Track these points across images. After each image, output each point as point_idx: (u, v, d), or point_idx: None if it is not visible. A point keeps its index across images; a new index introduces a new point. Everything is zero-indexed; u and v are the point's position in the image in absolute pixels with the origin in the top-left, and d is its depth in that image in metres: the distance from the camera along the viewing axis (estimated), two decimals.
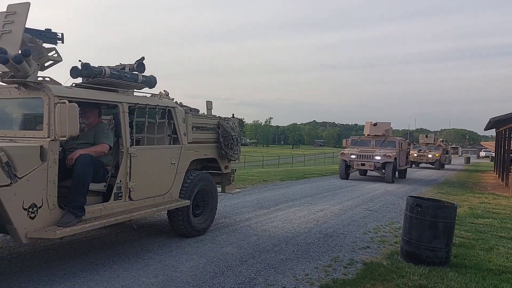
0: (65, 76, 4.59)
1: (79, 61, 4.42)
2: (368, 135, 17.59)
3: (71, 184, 4.09)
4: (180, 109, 5.63)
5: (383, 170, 15.67)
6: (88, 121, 4.76)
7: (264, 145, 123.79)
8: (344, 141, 18.29)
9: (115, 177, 4.61)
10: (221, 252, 5.20)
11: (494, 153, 31.06)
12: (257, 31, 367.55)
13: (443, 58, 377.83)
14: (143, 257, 4.84)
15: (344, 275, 4.56)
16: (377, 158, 15.56)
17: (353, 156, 16.00)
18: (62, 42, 4.62)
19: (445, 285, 4.26)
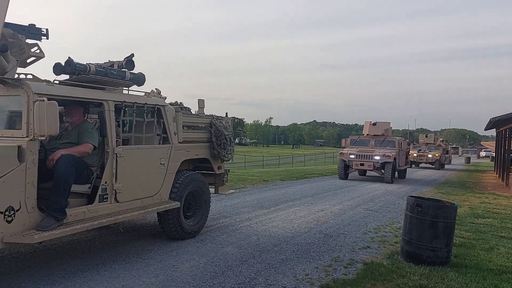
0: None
1: (68, 57, 4.32)
2: (367, 134, 17.39)
3: (51, 186, 3.91)
4: (170, 108, 5.44)
5: (382, 170, 15.49)
6: (72, 120, 4.55)
7: (265, 145, 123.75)
8: (343, 141, 18.04)
9: (101, 178, 4.43)
10: (221, 252, 5.20)
11: (494, 153, 31.06)
12: (257, 31, 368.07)
13: (444, 58, 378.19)
14: (143, 257, 4.84)
15: (345, 275, 4.56)
16: (376, 158, 15.38)
17: (352, 156, 15.83)
18: (46, 38, 4.45)
19: (445, 285, 4.26)
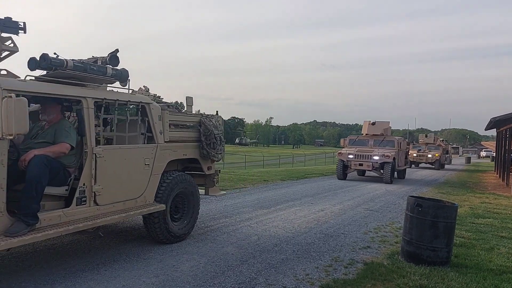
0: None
1: (54, 53, 4.14)
2: (366, 134, 17.16)
3: (22, 188, 3.70)
4: (155, 106, 5.21)
5: (381, 171, 15.30)
6: (49, 118, 4.31)
7: (265, 145, 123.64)
8: (342, 140, 17.77)
9: (79, 180, 4.22)
10: (221, 252, 5.21)
11: (494, 153, 31.04)
12: (257, 31, 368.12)
13: (444, 58, 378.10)
14: (143, 256, 4.84)
15: (345, 275, 4.56)
16: (375, 158, 15.20)
17: (350, 156, 15.64)
18: (24, 32, 4.35)
19: (445, 285, 4.25)
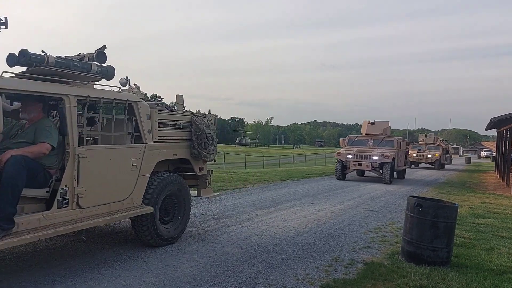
0: None
1: (42, 51, 4.04)
2: (365, 134, 17.02)
3: None
4: (143, 104, 5.02)
5: (380, 171, 15.16)
6: (29, 117, 4.15)
7: (265, 145, 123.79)
8: (341, 140, 17.61)
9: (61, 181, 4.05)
10: (222, 251, 5.21)
11: (495, 153, 31.04)
12: (257, 31, 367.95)
13: (444, 58, 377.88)
14: (144, 256, 4.84)
15: (345, 275, 4.56)
16: (375, 158, 15.07)
17: (349, 156, 15.49)
18: (5, 27, 4.26)
19: (446, 285, 4.25)
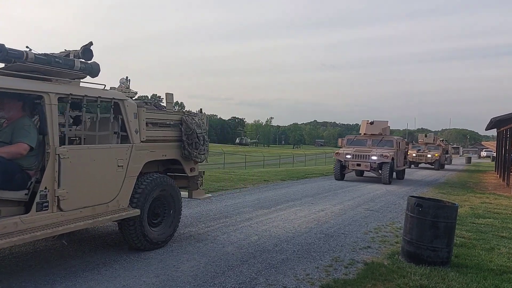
0: None
1: (26, 47, 3.92)
2: (364, 134, 16.86)
3: None
4: (130, 102, 4.86)
5: (379, 171, 15.04)
6: (8, 115, 4.01)
7: (265, 145, 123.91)
8: (340, 140, 17.44)
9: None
10: (222, 251, 5.21)
11: (495, 153, 31.03)
12: (257, 31, 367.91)
13: (444, 58, 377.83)
14: (144, 256, 4.84)
15: (345, 275, 4.56)
16: (374, 158, 14.90)
17: (348, 156, 15.33)
18: None
19: (446, 285, 4.25)
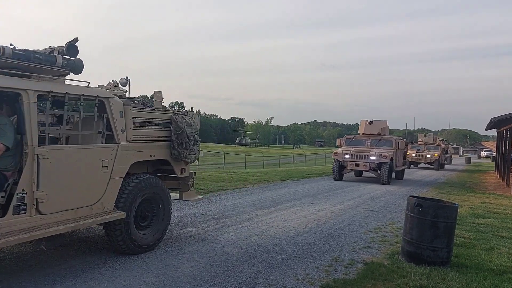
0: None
1: (10, 44, 3.86)
2: (363, 134, 16.74)
3: None
4: (116, 101, 4.65)
5: (378, 171, 14.90)
6: None
7: (265, 145, 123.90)
8: (338, 140, 17.33)
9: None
10: (222, 251, 5.21)
11: (495, 153, 31.03)
12: (257, 31, 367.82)
13: (444, 58, 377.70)
14: (144, 256, 4.84)
15: (345, 275, 4.56)
16: (372, 158, 14.79)
17: (347, 156, 15.22)
18: None
19: (446, 285, 4.26)
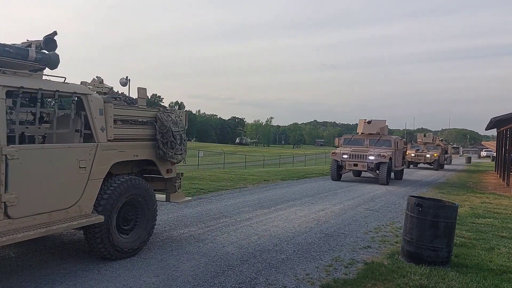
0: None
1: None
2: (362, 133, 16.57)
3: None
4: (95, 97, 4.44)
5: (377, 171, 14.71)
6: None
7: (265, 145, 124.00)
8: (337, 140, 17.07)
9: None
10: (222, 251, 5.21)
11: (495, 153, 31.03)
12: (257, 31, 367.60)
13: (444, 58, 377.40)
14: (144, 256, 4.84)
15: (345, 274, 4.56)
16: (371, 158, 14.59)
17: (345, 156, 15.02)
18: None
19: (446, 285, 4.26)
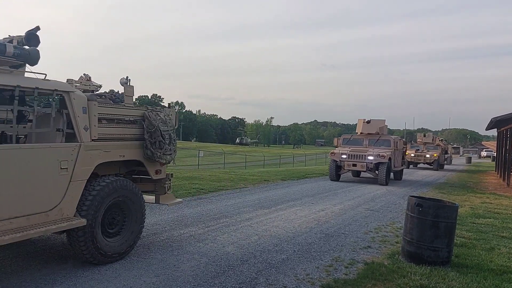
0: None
1: None
2: (361, 133, 16.44)
3: None
4: (78, 95, 4.26)
5: (376, 171, 14.64)
6: None
7: (265, 145, 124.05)
8: (335, 139, 16.95)
9: None
10: (222, 251, 5.21)
11: (495, 153, 31.01)
12: (257, 31, 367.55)
13: (444, 58, 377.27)
14: (144, 256, 4.85)
15: (345, 274, 4.56)
16: (370, 158, 14.50)
17: (344, 156, 14.91)
18: None
19: (446, 285, 4.26)
